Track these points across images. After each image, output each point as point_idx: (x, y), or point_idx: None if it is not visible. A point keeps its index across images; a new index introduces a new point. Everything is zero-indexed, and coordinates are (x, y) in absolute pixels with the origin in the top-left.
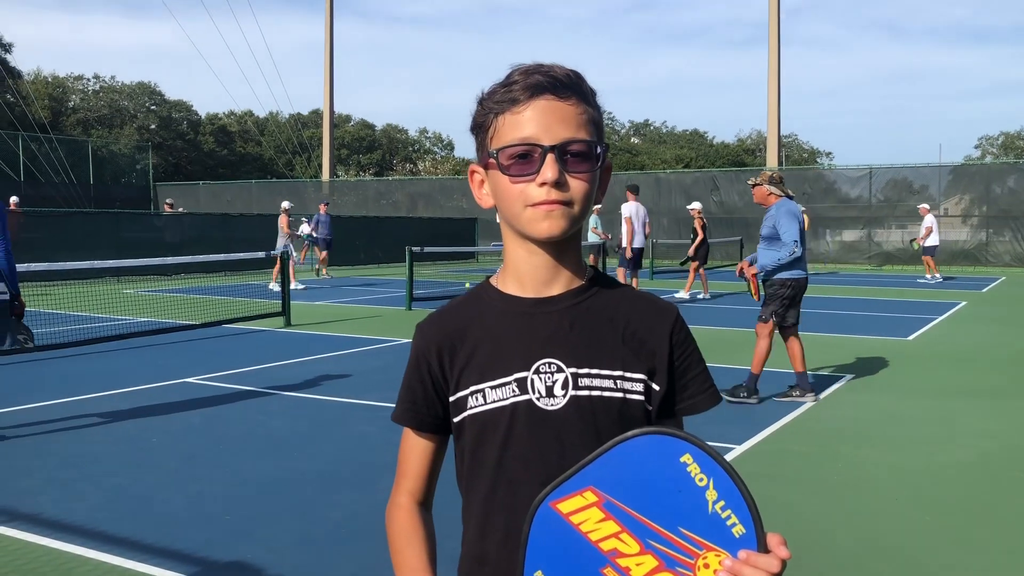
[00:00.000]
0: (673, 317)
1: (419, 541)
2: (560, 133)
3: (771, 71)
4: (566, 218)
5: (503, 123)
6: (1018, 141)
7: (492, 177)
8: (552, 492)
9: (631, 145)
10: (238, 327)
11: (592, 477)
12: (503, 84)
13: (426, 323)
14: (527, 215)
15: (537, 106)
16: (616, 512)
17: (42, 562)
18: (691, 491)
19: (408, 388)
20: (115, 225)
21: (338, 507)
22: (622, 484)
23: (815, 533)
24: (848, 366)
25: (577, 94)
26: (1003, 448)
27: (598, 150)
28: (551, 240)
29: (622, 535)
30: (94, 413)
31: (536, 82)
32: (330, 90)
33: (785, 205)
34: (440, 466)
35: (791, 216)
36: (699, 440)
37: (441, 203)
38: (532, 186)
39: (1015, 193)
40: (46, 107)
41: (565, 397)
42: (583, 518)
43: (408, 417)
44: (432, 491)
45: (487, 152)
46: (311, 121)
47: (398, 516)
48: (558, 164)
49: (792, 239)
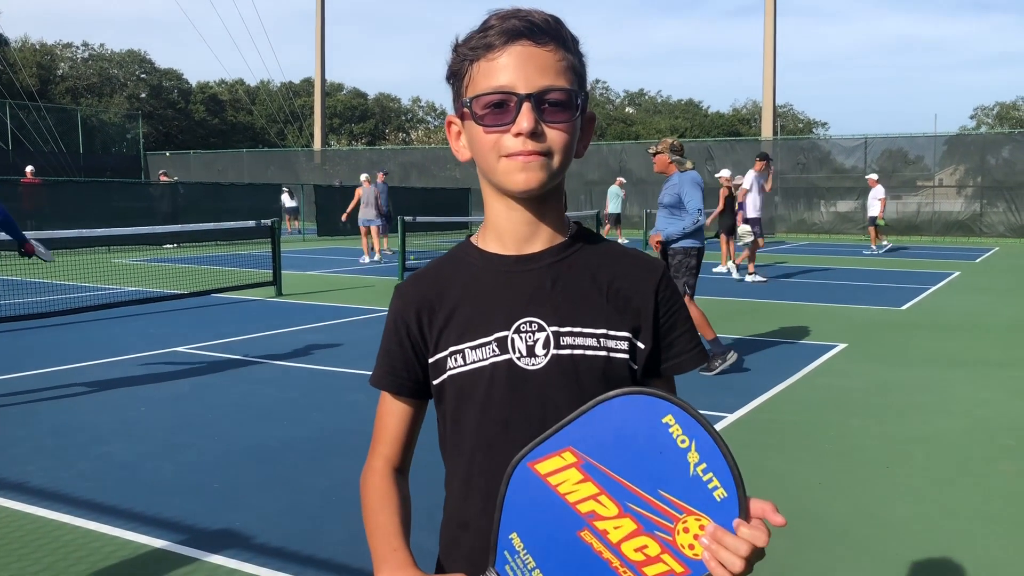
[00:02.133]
0: (659, 274)
1: (392, 505)
2: (537, 81)
3: (767, 40)
4: (544, 170)
5: (477, 70)
6: (1013, 111)
7: (468, 128)
8: (530, 452)
9: (626, 115)
10: (229, 296)
11: (571, 437)
12: (479, 30)
13: (404, 284)
14: (502, 167)
15: (513, 52)
16: (595, 473)
17: (29, 530)
18: (673, 453)
19: (386, 351)
20: (105, 194)
21: (328, 475)
22: (602, 445)
23: (807, 501)
24: (841, 335)
25: (556, 39)
26: (995, 416)
27: (578, 99)
28: (528, 194)
29: (600, 497)
30: (83, 382)
31: (512, 27)
32: (321, 58)
33: (688, 174)
34: (418, 432)
35: (694, 185)
36: (682, 401)
37: (434, 173)
38: (507, 136)
39: (1010, 164)
40: (34, 75)
41: (547, 356)
42: (561, 479)
43: (386, 381)
44: (409, 457)
45: (462, 101)
46: (302, 90)
47: (372, 480)
48: (534, 113)
49: (696, 207)
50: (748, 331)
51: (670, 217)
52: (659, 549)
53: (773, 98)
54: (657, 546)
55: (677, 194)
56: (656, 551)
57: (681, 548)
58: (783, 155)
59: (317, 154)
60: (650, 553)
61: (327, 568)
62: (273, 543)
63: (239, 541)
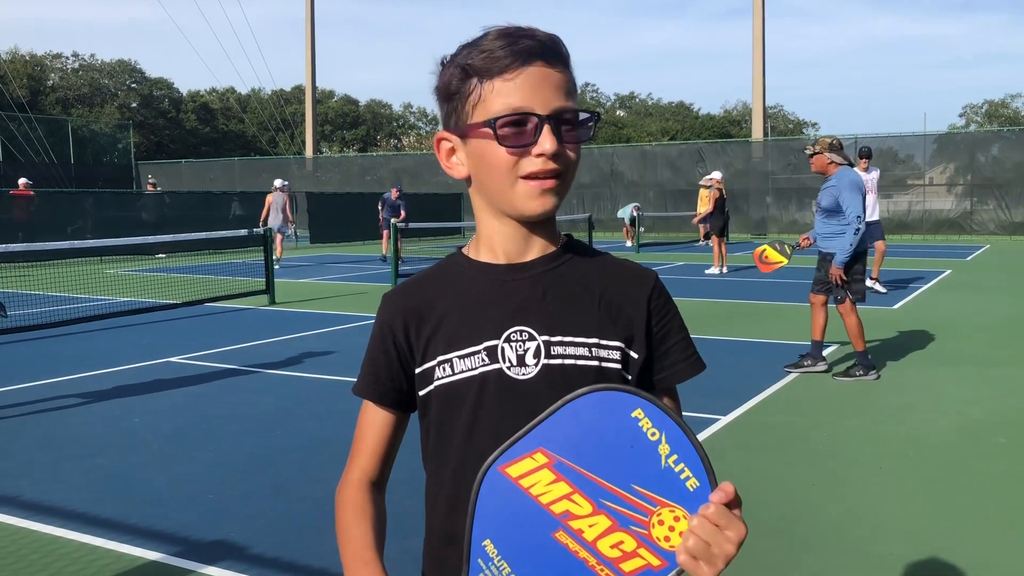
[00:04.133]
0: (651, 283)
1: (367, 520)
2: (553, 102)
3: (756, 42)
4: (558, 195)
5: (491, 90)
6: (1002, 109)
7: (474, 147)
8: (500, 456)
9: (617, 118)
10: (222, 306)
11: (541, 438)
12: (483, 49)
13: (392, 293)
14: (520, 189)
15: (530, 73)
16: (567, 472)
17: (22, 544)
18: (644, 446)
19: (371, 360)
20: (97, 205)
21: (322, 484)
22: (573, 443)
23: (799, 503)
24: (833, 335)
25: (562, 60)
26: (987, 414)
27: (591, 120)
28: (542, 217)
29: (574, 496)
30: (75, 394)
31: (527, 48)
32: (312, 66)
33: (847, 175)
34: (398, 446)
35: (855, 188)
36: (649, 395)
37: (426, 179)
38: (527, 158)
39: (999, 161)
40: (24, 86)
41: (537, 366)
42: (533, 480)
43: (369, 390)
44: (387, 472)
45: (466, 120)
46: (294, 97)
47: (347, 493)
48: (555, 135)
49: (855, 215)
50: (741, 332)
51: (826, 222)
52: (635, 544)
53: (763, 99)
54: (633, 541)
55: (835, 197)
56: (632, 546)
57: (657, 541)
58: (774, 156)
59: (309, 161)
60: (626, 548)
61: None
62: (268, 553)
63: (234, 552)
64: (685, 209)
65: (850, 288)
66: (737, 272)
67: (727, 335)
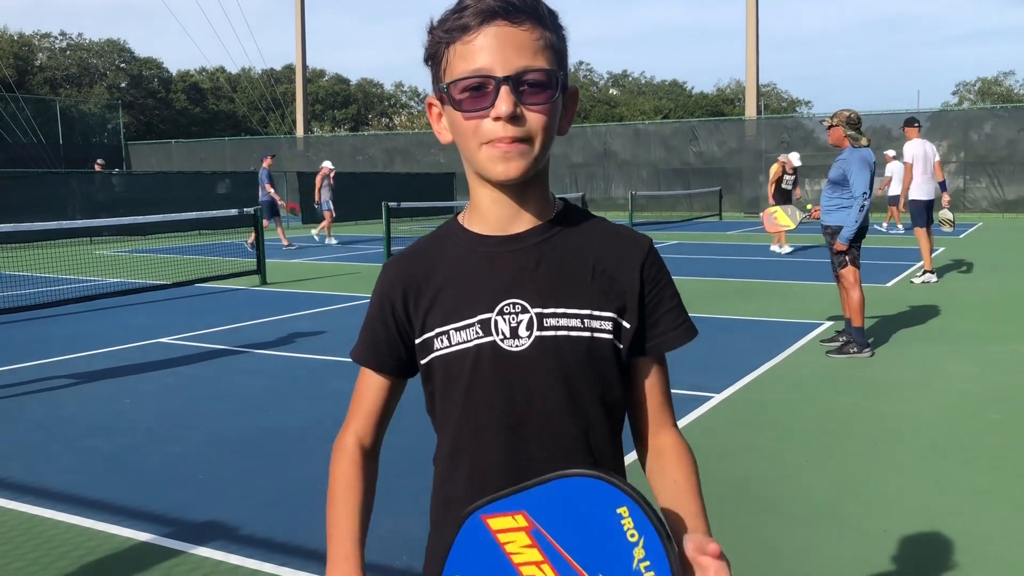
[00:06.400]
0: (645, 250)
1: (356, 497)
2: (514, 62)
3: (749, 19)
4: (524, 158)
5: (454, 53)
6: (995, 87)
7: (447, 112)
8: (485, 506)
9: (610, 96)
10: (213, 286)
11: (526, 502)
12: (454, 10)
13: (391, 263)
14: (483, 154)
15: (488, 33)
16: (543, 543)
17: (13, 525)
18: (620, 544)
19: (370, 328)
20: (87, 185)
21: (314, 464)
22: (554, 518)
23: (793, 479)
24: (827, 313)
25: (532, 17)
26: (981, 391)
27: (557, 78)
28: (510, 182)
29: (543, 566)
30: (65, 375)
31: (487, 7)
32: (302, 44)
33: (859, 151)
34: (393, 410)
35: (864, 165)
36: (641, 496)
37: (418, 158)
38: (487, 121)
39: (992, 139)
40: (11, 66)
41: (530, 338)
42: (510, 539)
43: (368, 357)
44: (381, 436)
45: (439, 86)
46: (284, 76)
47: (341, 463)
48: (513, 96)
49: (862, 190)
50: (736, 311)
51: (832, 194)
52: None
53: (756, 77)
54: None
55: (843, 171)
56: None
57: None
58: (767, 134)
59: (300, 141)
60: None
61: (314, 557)
62: (259, 534)
63: (225, 532)
64: (678, 187)
65: (848, 255)
66: (732, 250)
67: (719, 313)
